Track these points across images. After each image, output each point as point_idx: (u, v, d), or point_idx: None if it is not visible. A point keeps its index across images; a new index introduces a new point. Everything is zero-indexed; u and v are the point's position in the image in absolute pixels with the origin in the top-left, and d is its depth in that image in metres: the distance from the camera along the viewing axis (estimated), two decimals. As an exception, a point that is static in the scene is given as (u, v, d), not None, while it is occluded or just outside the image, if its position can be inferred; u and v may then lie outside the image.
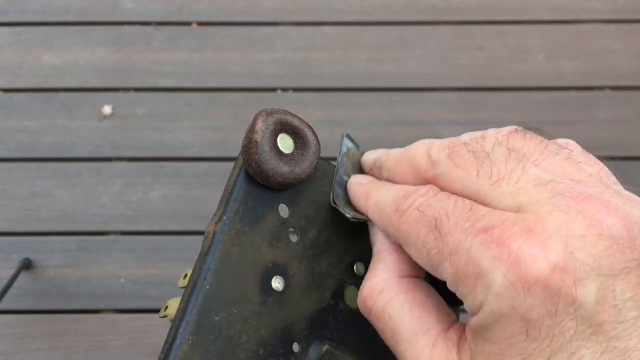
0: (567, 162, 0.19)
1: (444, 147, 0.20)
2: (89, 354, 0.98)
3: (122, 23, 1.17)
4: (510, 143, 0.19)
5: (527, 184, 0.17)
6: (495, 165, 0.18)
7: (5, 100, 1.12)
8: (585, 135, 1.10)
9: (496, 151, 0.18)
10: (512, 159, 0.18)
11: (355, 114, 1.11)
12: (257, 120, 0.21)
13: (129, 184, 1.07)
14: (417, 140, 0.22)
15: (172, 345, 0.19)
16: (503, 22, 1.18)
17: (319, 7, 1.18)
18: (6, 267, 1.01)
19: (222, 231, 0.20)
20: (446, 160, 0.19)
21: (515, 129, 0.20)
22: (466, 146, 0.19)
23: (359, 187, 0.23)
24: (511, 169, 0.18)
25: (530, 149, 0.19)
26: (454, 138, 0.20)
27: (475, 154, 0.18)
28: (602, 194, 0.17)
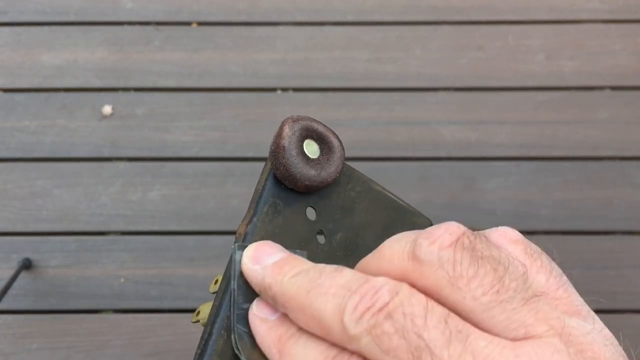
0: (524, 307, 0.16)
1: (361, 313, 0.15)
2: (89, 354, 0.98)
3: (122, 23, 1.17)
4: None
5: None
6: (436, 356, 0.15)
7: (5, 100, 1.12)
8: (585, 135, 1.10)
9: (430, 326, 0.15)
10: (455, 337, 0.15)
11: (355, 114, 1.11)
12: (284, 126, 0.22)
13: (129, 184, 1.07)
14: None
15: (208, 340, 0.19)
16: (503, 22, 1.18)
17: (319, 7, 1.18)
18: (6, 267, 1.01)
19: (253, 232, 0.21)
20: (368, 339, 0.15)
21: (462, 247, 0.16)
22: (391, 320, 0.15)
23: (268, 330, 0.18)
24: (457, 358, 0.15)
25: (484, 289, 0.16)
26: (370, 291, 0.16)
27: (405, 337, 0.15)
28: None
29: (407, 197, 0.26)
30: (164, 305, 1.01)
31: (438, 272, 0.16)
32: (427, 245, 0.16)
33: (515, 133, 1.10)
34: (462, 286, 0.16)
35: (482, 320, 0.16)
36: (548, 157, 1.09)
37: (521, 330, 0.15)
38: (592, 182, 1.07)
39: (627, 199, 1.07)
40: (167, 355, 0.98)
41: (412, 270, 0.17)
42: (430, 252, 0.16)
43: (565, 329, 0.16)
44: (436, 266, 0.16)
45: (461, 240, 0.16)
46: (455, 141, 1.09)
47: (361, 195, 0.24)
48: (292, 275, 0.18)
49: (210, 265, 1.01)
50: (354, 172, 0.24)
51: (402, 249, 0.17)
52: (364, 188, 0.24)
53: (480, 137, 1.10)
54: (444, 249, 0.16)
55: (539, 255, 0.19)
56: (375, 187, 0.25)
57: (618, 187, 1.07)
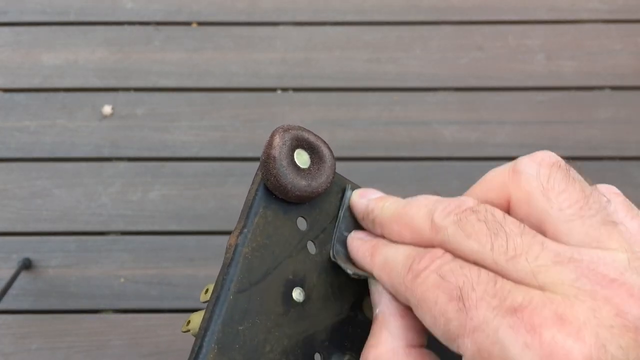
0: (602, 226, 0.18)
1: (449, 211, 0.18)
2: (89, 354, 0.98)
3: (122, 23, 1.17)
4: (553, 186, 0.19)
5: (547, 261, 0.16)
6: (511, 239, 0.17)
7: (5, 100, 1.12)
8: (585, 135, 1.10)
9: (508, 221, 0.18)
10: (527, 232, 0.17)
11: (355, 114, 1.11)
12: (275, 136, 0.22)
13: (129, 184, 1.07)
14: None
15: (198, 354, 0.19)
16: (503, 22, 1.18)
17: (319, 7, 1.18)
18: (6, 267, 1.01)
19: (244, 244, 0.21)
20: (454, 227, 0.18)
21: (558, 167, 0.19)
22: (475, 214, 0.18)
23: (362, 243, 0.22)
24: (528, 243, 0.17)
25: (571, 202, 0.18)
26: (458, 200, 0.19)
27: (487, 224, 0.17)
28: (626, 276, 0.16)
29: (407, 197, 0.26)
30: (164, 305, 1.01)
31: (533, 182, 0.19)
32: (527, 161, 0.19)
33: (515, 133, 1.10)
34: (551, 197, 0.18)
35: (562, 231, 0.18)
36: (548, 157, 1.09)
37: (594, 244, 0.17)
38: (592, 182, 1.07)
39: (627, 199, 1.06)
40: (167, 355, 0.98)
41: (510, 181, 0.19)
42: (530, 166, 0.19)
43: (632, 251, 0.17)
44: (533, 177, 0.19)
45: (559, 163, 0.19)
46: (455, 141, 1.09)
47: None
48: (391, 202, 0.22)
49: (210, 265, 1.01)
50: (345, 181, 0.24)
51: (504, 167, 0.20)
52: (352, 187, 0.24)
53: (480, 137, 1.10)
54: (542, 165, 0.19)
55: (636, 208, 0.21)
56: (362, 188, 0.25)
57: (618, 187, 1.07)
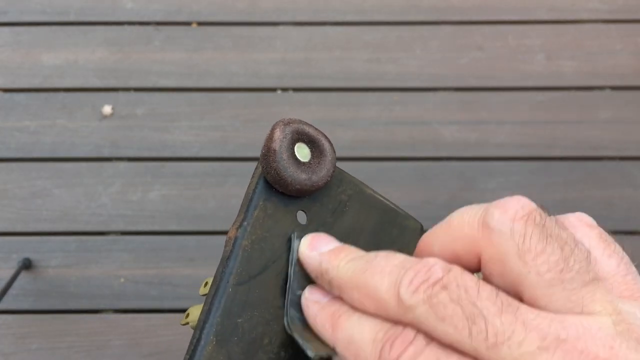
0: (583, 288, 0.16)
1: (416, 287, 0.16)
2: (89, 354, 0.98)
3: (122, 23, 1.17)
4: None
5: (532, 347, 0.15)
6: (490, 323, 0.15)
7: (5, 100, 1.12)
8: (585, 135, 1.10)
9: (483, 297, 0.16)
10: (506, 309, 0.15)
11: (355, 114, 1.11)
12: (275, 129, 0.22)
13: (129, 184, 1.07)
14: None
15: (197, 346, 0.19)
16: (503, 22, 1.18)
17: (319, 7, 1.18)
18: (6, 267, 1.01)
19: (243, 236, 0.21)
20: (424, 307, 0.16)
21: (533, 222, 0.17)
22: (446, 291, 0.16)
23: (320, 309, 0.19)
24: (509, 325, 0.15)
25: (550, 265, 0.16)
26: (425, 268, 0.16)
27: (461, 305, 0.15)
28: (616, 350, 0.15)
29: (407, 197, 0.26)
30: (164, 305, 1.01)
31: (508, 242, 0.17)
32: (499, 214, 0.17)
33: (515, 133, 1.10)
34: (528, 260, 0.16)
35: (541, 297, 0.16)
36: (548, 157, 1.09)
37: (577, 310, 0.16)
38: (592, 182, 1.07)
39: (627, 199, 1.07)
40: (167, 355, 0.98)
41: (481, 237, 0.17)
42: (502, 221, 0.17)
43: (616, 310, 0.16)
44: (506, 236, 0.17)
45: (533, 215, 0.17)
46: (455, 141, 1.09)
47: (352, 198, 0.24)
48: (348, 260, 0.19)
49: (210, 265, 1.01)
50: (345, 175, 0.24)
51: (472, 217, 0.18)
52: (355, 191, 0.24)
53: (480, 137, 1.10)
54: (516, 220, 0.17)
55: (613, 242, 0.19)
56: (366, 190, 0.25)
57: (618, 187, 1.07)
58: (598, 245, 0.19)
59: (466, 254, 0.18)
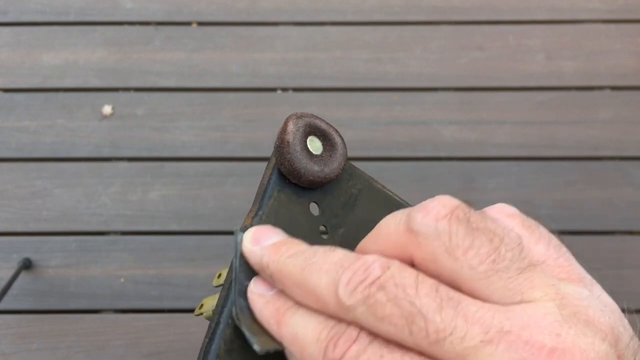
0: (520, 275, 0.16)
1: (353, 287, 0.16)
2: (89, 354, 0.98)
3: (122, 23, 1.17)
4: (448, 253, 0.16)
5: (475, 341, 0.15)
6: (430, 320, 0.15)
7: (5, 100, 1.12)
8: (585, 135, 1.10)
9: (422, 294, 0.15)
10: (446, 304, 0.15)
11: (355, 114, 1.11)
12: (289, 122, 0.22)
13: (129, 184, 1.07)
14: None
15: (215, 329, 0.20)
16: (503, 22, 1.18)
17: (319, 7, 1.18)
18: (6, 267, 1.01)
19: (259, 225, 0.21)
20: (363, 308, 0.16)
21: (457, 219, 0.16)
22: (383, 290, 0.16)
23: (265, 303, 0.19)
24: (450, 320, 0.15)
25: (481, 258, 0.16)
26: (362, 266, 0.16)
27: (398, 304, 0.15)
28: (563, 337, 0.15)
29: (407, 197, 0.26)
30: (164, 305, 1.01)
31: (435, 242, 0.16)
32: (421, 217, 0.17)
33: (515, 133, 1.10)
34: (458, 256, 0.16)
35: (479, 289, 0.16)
36: (548, 157, 1.09)
37: (517, 297, 0.16)
38: (592, 182, 1.07)
39: (627, 199, 1.07)
40: (167, 355, 0.98)
41: (408, 242, 0.17)
42: (425, 224, 0.17)
43: (559, 294, 0.16)
44: (432, 237, 0.16)
45: (455, 213, 0.17)
46: (455, 141, 1.09)
47: (362, 192, 0.25)
48: (288, 255, 0.18)
49: (210, 265, 1.01)
50: (355, 170, 0.25)
51: (397, 223, 0.18)
52: (365, 185, 0.25)
53: (480, 137, 1.10)
54: (439, 220, 0.16)
55: (537, 227, 0.19)
56: (375, 184, 0.25)
57: (618, 187, 1.07)
58: (523, 233, 0.18)
59: (400, 257, 0.18)
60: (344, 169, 0.24)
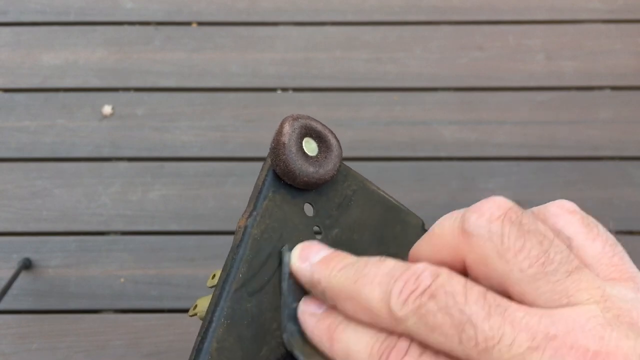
0: (567, 278, 0.16)
1: (405, 297, 0.16)
2: (89, 354, 0.98)
3: (122, 23, 1.17)
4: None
5: (523, 348, 0.15)
6: (479, 328, 0.15)
7: (5, 100, 1.12)
8: (585, 135, 1.10)
9: (471, 302, 0.16)
10: (494, 311, 0.16)
11: (355, 114, 1.11)
12: (284, 124, 0.23)
13: (129, 184, 1.07)
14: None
15: (208, 329, 0.20)
16: (503, 22, 1.18)
17: (319, 7, 1.18)
18: (6, 267, 1.01)
19: (253, 225, 0.22)
20: (415, 319, 0.16)
21: (509, 221, 0.17)
22: (434, 300, 0.16)
23: (316, 322, 0.19)
24: (498, 328, 0.15)
25: (531, 261, 0.16)
26: (414, 276, 0.17)
27: (449, 313, 0.16)
28: (606, 341, 0.15)
29: (407, 197, 0.26)
30: (164, 305, 1.01)
31: (486, 244, 0.17)
32: (475, 218, 0.17)
33: (515, 133, 1.10)
34: (509, 258, 0.16)
35: (528, 292, 0.16)
36: (548, 157, 1.09)
37: (564, 300, 0.16)
38: (592, 182, 1.07)
39: (627, 199, 1.07)
40: (167, 355, 0.98)
41: (462, 243, 0.17)
42: (478, 225, 0.17)
43: (604, 296, 0.16)
44: (485, 238, 0.17)
45: (508, 215, 0.17)
46: (455, 141, 1.09)
47: (357, 193, 0.25)
48: (339, 269, 0.19)
49: (210, 265, 1.01)
50: (350, 171, 0.25)
51: (451, 225, 0.18)
52: (360, 187, 0.25)
53: (480, 137, 1.10)
54: (492, 222, 0.17)
55: (596, 225, 0.19)
56: (370, 186, 0.25)
57: (618, 187, 1.07)
58: (581, 231, 0.19)
59: (452, 261, 0.18)
60: (338, 170, 0.24)
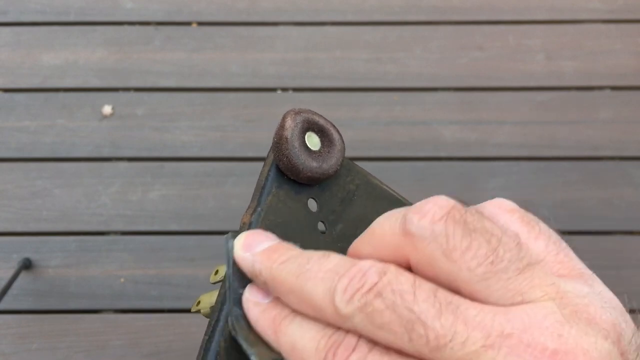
0: (520, 275, 0.16)
1: (350, 295, 0.16)
2: (89, 354, 0.98)
3: (122, 23, 1.17)
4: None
5: (477, 346, 0.15)
6: (429, 327, 0.15)
7: (5, 100, 1.12)
8: (585, 135, 1.10)
9: (420, 300, 0.15)
10: (445, 309, 0.15)
11: (355, 114, 1.11)
12: (287, 118, 0.22)
13: (129, 184, 1.07)
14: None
15: (215, 327, 0.20)
16: (503, 22, 1.18)
17: (319, 7, 1.18)
18: (6, 267, 1.01)
19: (257, 221, 0.21)
20: (361, 316, 0.15)
21: (453, 220, 0.16)
22: (380, 297, 0.15)
23: (261, 312, 0.19)
24: (450, 326, 0.15)
25: (479, 260, 0.16)
26: (358, 273, 0.16)
27: (396, 311, 0.15)
28: (565, 338, 0.15)
29: (407, 197, 0.26)
30: (164, 305, 1.01)
31: (431, 245, 0.16)
32: (417, 219, 0.16)
33: (515, 133, 1.10)
34: (456, 258, 0.16)
35: (478, 291, 0.16)
36: (548, 157, 1.09)
37: (517, 298, 0.16)
38: (592, 182, 1.07)
39: (627, 199, 1.07)
40: (167, 355, 0.98)
41: (405, 244, 0.17)
42: (421, 226, 0.16)
43: (559, 293, 0.16)
44: (429, 239, 0.16)
45: (452, 214, 0.16)
46: (455, 141, 1.09)
47: (360, 188, 0.25)
48: (281, 261, 0.18)
49: (210, 265, 1.01)
50: (353, 166, 0.25)
51: (392, 225, 0.17)
52: (363, 181, 0.25)
53: (480, 137, 1.10)
54: (435, 222, 0.16)
55: (537, 222, 0.19)
56: (373, 180, 0.25)
57: (618, 187, 1.07)
58: (522, 230, 0.18)
59: (395, 260, 0.17)
60: (341, 164, 0.24)
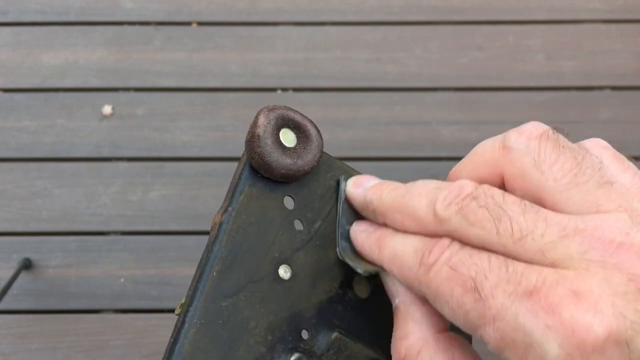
0: (598, 189, 0.18)
1: (449, 201, 0.18)
2: (89, 354, 0.98)
3: (122, 23, 1.17)
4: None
5: (554, 237, 0.17)
6: (515, 220, 0.17)
7: (5, 100, 1.12)
8: (585, 135, 1.09)
9: (508, 202, 0.18)
10: (529, 210, 0.17)
11: (355, 114, 1.11)
12: (260, 115, 0.22)
13: (129, 184, 1.07)
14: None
15: (180, 329, 0.19)
16: (503, 22, 1.18)
17: (319, 7, 1.18)
18: (6, 267, 1.01)
19: (228, 221, 0.21)
20: (457, 217, 0.18)
21: (546, 137, 0.19)
22: (476, 200, 0.18)
23: (367, 236, 0.22)
24: (532, 221, 0.17)
25: (564, 171, 0.18)
26: (457, 186, 0.19)
27: (488, 209, 0.18)
28: (632, 236, 0.16)
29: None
30: (164, 305, 1.01)
31: (525, 157, 0.19)
32: (516, 136, 0.19)
33: (515, 133, 1.10)
34: (545, 169, 0.18)
35: (560, 200, 0.18)
36: (548, 157, 1.09)
37: (593, 209, 0.17)
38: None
39: (627, 199, 1.06)
40: (167, 355, 0.97)
41: (502, 158, 0.20)
42: (519, 141, 0.19)
43: (633, 211, 0.17)
44: (524, 152, 0.19)
45: (546, 134, 0.19)
46: (455, 141, 1.09)
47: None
48: (390, 190, 0.21)
49: (210, 265, 1.01)
50: (334, 162, 0.24)
51: (493, 143, 0.20)
52: (345, 177, 0.24)
53: (480, 137, 1.08)
54: (531, 139, 0.19)
55: (626, 160, 0.21)
56: (355, 175, 0.25)
57: (618, 187, 1.07)
58: (612, 163, 0.20)
59: (490, 177, 0.20)
60: (320, 161, 0.23)
